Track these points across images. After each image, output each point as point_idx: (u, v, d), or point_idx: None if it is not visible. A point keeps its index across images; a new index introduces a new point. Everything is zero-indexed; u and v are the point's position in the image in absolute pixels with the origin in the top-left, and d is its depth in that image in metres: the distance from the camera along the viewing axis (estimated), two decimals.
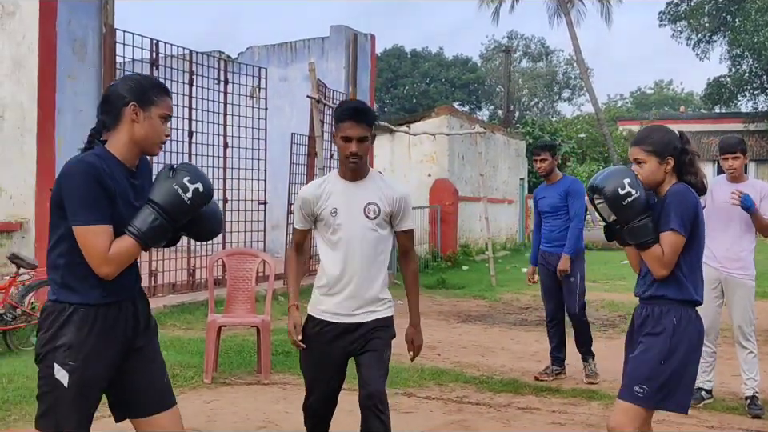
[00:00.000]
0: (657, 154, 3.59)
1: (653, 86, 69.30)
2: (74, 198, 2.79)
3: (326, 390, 4.05)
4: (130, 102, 2.92)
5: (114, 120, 2.94)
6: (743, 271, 5.92)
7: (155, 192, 2.89)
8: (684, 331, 3.53)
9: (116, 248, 2.82)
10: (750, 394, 5.94)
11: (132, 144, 2.96)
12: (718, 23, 39.52)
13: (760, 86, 40.51)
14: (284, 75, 15.10)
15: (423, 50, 58.42)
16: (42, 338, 2.90)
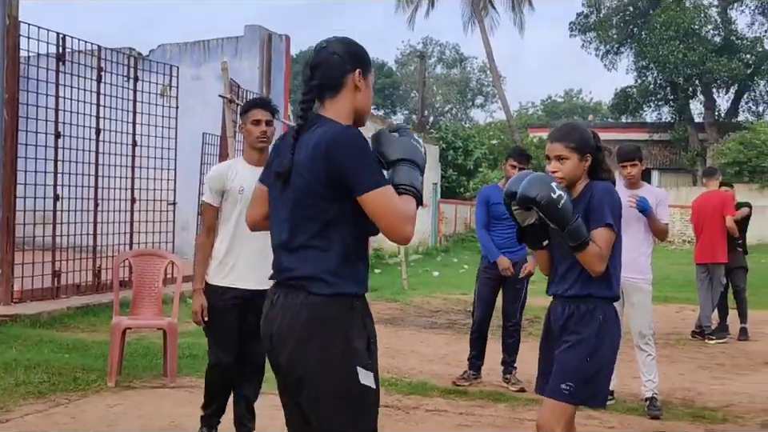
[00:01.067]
0: (578, 151, 3.61)
1: (563, 94, 70.93)
2: (362, 165, 2.48)
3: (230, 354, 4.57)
4: (356, 68, 2.68)
5: (334, 88, 2.66)
6: (641, 275, 6.08)
7: (399, 151, 2.62)
8: (608, 329, 3.60)
9: (408, 205, 2.53)
10: (650, 396, 6.12)
11: (353, 115, 2.69)
12: (626, 35, 40.79)
13: (664, 97, 41.99)
14: (197, 74, 14.86)
15: None
16: (327, 339, 2.51)
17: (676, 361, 8.23)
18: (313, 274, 2.54)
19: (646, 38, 38.46)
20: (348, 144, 2.50)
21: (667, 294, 13.78)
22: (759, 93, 41.22)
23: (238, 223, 4.37)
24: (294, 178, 2.59)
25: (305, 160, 2.55)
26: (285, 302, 2.60)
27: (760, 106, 41.45)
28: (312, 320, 2.53)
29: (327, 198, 2.53)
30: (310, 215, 2.56)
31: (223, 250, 4.49)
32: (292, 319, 2.56)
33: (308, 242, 2.56)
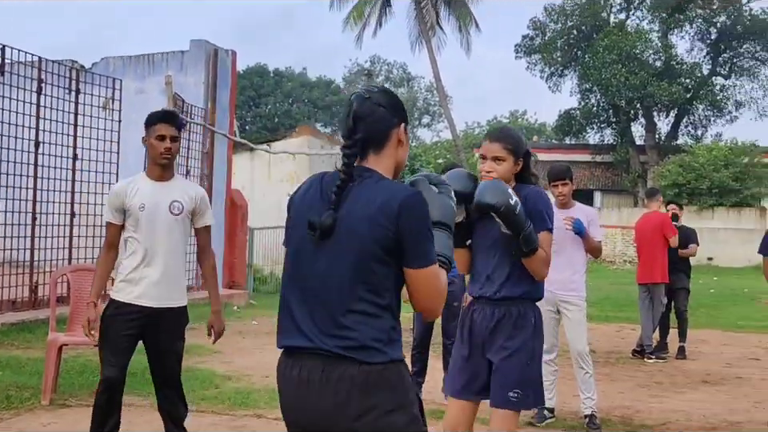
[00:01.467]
0: (514, 154, 3.65)
1: (508, 115, 71.79)
2: (427, 237, 2.36)
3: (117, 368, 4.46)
4: (401, 122, 2.53)
5: (379, 143, 2.49)
6: (576, 293, 6.21)
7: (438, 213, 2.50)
8: (540, 329, 3.70)
9: (444, 279, 2.43)
10: (589, 413, 6.19)
11: (393, 170, 2.53)
12: (570, 58, 41.48)
13: (606, 119, 42.75)
14: (141, 88, 14.66)
15: (286, 70, 58.36)
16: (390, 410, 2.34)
17: (616, 379, 8.32)
18: (366, 342, 2.33)
19: (589, 61, 39.16)
20: (422, 210, 2.37)
21: (608, 313, 13.97)
22: (698, 117, 42.22)
23: (142, 241, 4.36)
24: (343, 234, 2.35)
25: (362, 216, 2.35)
26: (327, 376, 2.34)
27: (699, 129, 42.45)
28: (369, 392, 2.31)
29: (379, 260, 2.34)
30: (360, 277, 2.34)
31: (129, 268, 4.43)
32: (344, 394, 2.31)
33: (359, 306, 2.34)
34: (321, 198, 2.45)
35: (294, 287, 2.47)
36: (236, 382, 7.27)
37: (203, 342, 9.34)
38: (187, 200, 4.47)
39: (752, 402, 7.42)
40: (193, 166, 13.32)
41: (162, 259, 4.36)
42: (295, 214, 2.53)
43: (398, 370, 2.38)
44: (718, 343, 10.95)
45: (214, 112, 14.06)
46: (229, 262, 14.44)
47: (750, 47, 40.89)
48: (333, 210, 2.37)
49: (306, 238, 2.43)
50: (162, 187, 4.44)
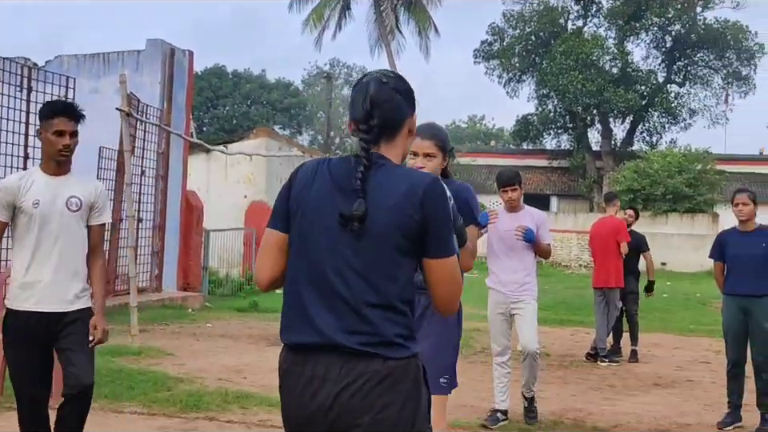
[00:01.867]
0: (443, 150, 3.73)
1: (467, 120, 72.20)
2: (448, 225, 2.34)
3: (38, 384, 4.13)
4: (413, 112, 2.47)
5: (393, 131, 2.43)
6: (528, 293, 6.36)
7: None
8: (461, 319, 3.87)
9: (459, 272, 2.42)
10: (530, 395, 6.45)
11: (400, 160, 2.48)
12: (527, 64, 41.84)
13: (563, 125, 43.20)
14: (95, 87, 14.45)
15: (245, 71, 58.01)
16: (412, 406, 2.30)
17: (569, 382, 8.39)
18: (391, 338, 2.27)
19: (546, 67, 39.53)
20: (445, 198, 2.32)
21: (563, 317, 14.08)
22: (653, 123, 42.81)
23: (37, 240, 4.03)
24: (367, 224, 2.26)
25: (385, 204, 2.27)
26: (346, 373, 2.25)
27: (654, 136, 43.03)
28: (394, 387, 2.26)
29: (402, 251, 2.28)
30: (384, 269, 2.27)
31: (22, 270, 4.06)
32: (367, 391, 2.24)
33: (383, 300, 2.27)
34: (335, 185, 2.34)
35: (305, 281, 2.33)
36: (188, 385, 7.19)
37: (157, 343, 9.27)
38: (86, 195, 4.15)
39: (702, 404, 7.52)
40: (148, 166, 13.17)
41: (57, 259, 4.03)
42: (302, 203, 2.37)
43: (417, 364, 2.33)
44: (670, 347, 11.09)
45: (170, 112, 13.91)
46: (183, 264, 14.29)
47: (703, 56, 41.60)
48: (362, 198, 2.27)
49: (322, 228, 2.32)
50: (58, 182, 4.12)
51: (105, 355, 8.14)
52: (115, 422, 5.91)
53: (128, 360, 8.09)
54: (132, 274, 9.42)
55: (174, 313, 12.24)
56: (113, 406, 6.32)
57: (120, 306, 11.32)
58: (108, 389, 6.74)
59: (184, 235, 14.35)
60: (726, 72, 41.45)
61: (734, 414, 6.63)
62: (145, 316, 10.99)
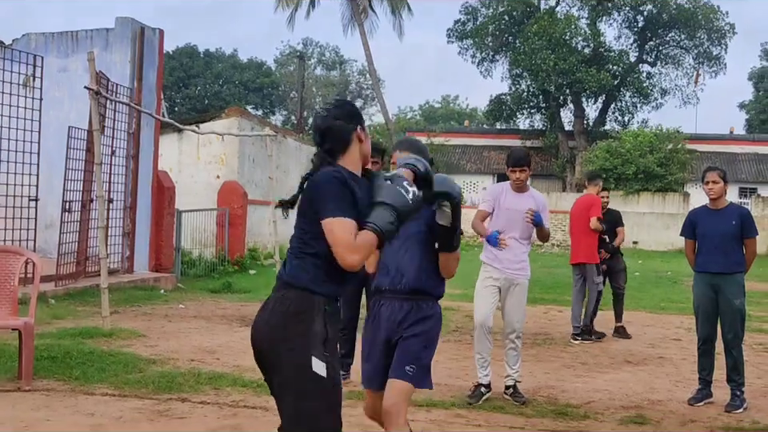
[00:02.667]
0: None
1: (440, 99, 72.14)
2: (325, 197, 2.98)
3: None
4: (357, 126, 3.22)
5: (344, 147, 3.18)
6: (523, 272, 6.47)
7: (385, 195, 3.03)
8: (440, 324, 4.02)
9: (360, 238, 2.93)
10: (512, 383, 6.45)
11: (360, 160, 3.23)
12: (501, 43, 41.84)
13: (536, 105, 43.30)
14: (64, 66, 14.24)
15: (217, 51, 57.49)
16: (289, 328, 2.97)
17: (542, 360, 8.43)
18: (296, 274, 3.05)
19: (520, 46, 39.57)
20: (321, 180, 3.04)
21: (536, 295, 14.14)
22: (625, 103, 43.07)
23: None
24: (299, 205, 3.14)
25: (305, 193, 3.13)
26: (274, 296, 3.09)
27: (626, 116, 43.30)
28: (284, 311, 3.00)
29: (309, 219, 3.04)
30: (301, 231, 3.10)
31: None
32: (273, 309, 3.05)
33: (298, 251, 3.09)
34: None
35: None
36: (161, 366, 7.13)
37: (128, 325, 9.19)
38: None
39: (673, 381, 7.59)
40: (118, 146, 13.01)
41: None
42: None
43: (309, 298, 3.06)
44: (642, 324, 11.18)
45: (140, 91, 13.74)
46: (155, 245, 14.17)
47: (675, 36, 41.83)
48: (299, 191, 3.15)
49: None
50: None
51: (76, 337, 8.08)
52: (86, 403, 5.85)
53: (99, 342, 8.01)
54: (102, 255, 9.32)
55: (146, 294, 12.14)
56: (84, 388, 6.26)
57: (91, 288, 11.22)
58: (79, 371, 6.67)
59: (155, 216, 14.22)
60: (697, 52, 41.74)
61: (705, 390, 6.70)
62: (116, 297, 10.89)
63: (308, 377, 2.91)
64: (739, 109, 56.34)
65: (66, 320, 9.36)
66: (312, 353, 2.92)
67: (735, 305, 6.53)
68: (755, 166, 39.87)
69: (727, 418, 6.22)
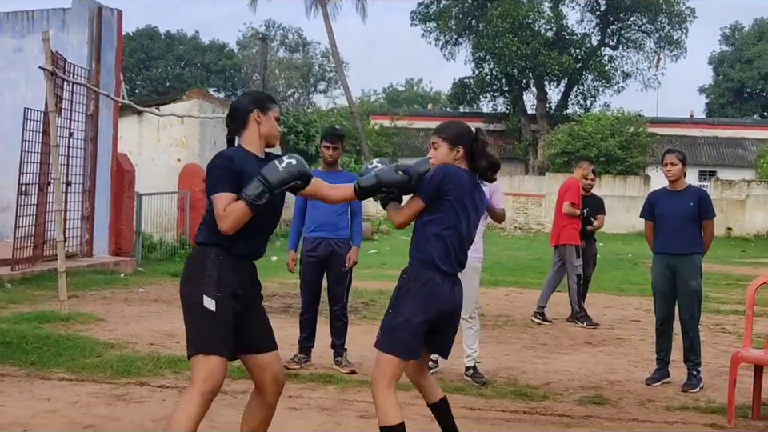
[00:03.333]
0: (447, 141, 4.12)
1: (404, 83, 72.03)
2: (210, 177, 3.72)
3: None
4: (254, 109, 3.84)
5: (240, 127, 3.86)
6: (475, 254, 6.41)
7: (264, 169, 3.67)
8: (412, 286, 3.96)
9: (231, 208, 3.62)
10: (472, 364, 6.49)
11: (261, 140, 3.88)
12: (464, 26, 41.79)
13: (500, 88, 43.37)
14: (19, 46, 13.96)
15: (178, 33, 56.82)
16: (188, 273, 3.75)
17: (503, 341, 8.48)
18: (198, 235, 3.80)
19: (483, 30, 39.55)
20: (211, 161, 3.78)
21: (498, 277, 14.25)
22: (587, 87, 43.29)
23: None
24: None
25: None
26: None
27: (587, 99, 43.52)
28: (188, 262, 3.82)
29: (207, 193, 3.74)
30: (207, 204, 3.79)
31: None
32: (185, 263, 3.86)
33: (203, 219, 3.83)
34: None
35: None
36: (119, 350, 7.06)
37: (87, 309, 9.08)
38: None
39: (632, 361, 7.68)
40: (76, 128, 12.80)
41: None
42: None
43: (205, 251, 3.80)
44: (602, 306, 11.30)
45: (98, 73, 13.53)
46: (115, 228, 14.00)
47: (636, 20, 42.10)
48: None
49: None
50: None
51: (32, 321, 7.97)
52: (42, 388, 5.77)
53: (56, 326, 7.90)
54: (60, 239, 9.18)
55: (106, 278, 12.00)
56: (40, 373, 6.17)
57: (49, 272, 11.05)
58: (35, 355, 6.58)
59: (115, 199, 14.04)
60: (658, 36, 42.06)
61: (662, 370, 6.78)
62: (75, 282, 10.76)
63: (199, 310, 3.61)
64: (699, 93, 57.03)
65: (23, 304, 9.22)
66: (203, 291, 3.61)
67: (692, 286, 6.60)
68: (714, 150, 40.40)
69: (684, 398, 6.30)
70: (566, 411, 5.78)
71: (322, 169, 6.97)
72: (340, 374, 6.58)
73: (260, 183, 3.63)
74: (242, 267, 3.76)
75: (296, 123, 31.36)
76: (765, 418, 5.73)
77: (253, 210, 3.61)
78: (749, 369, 6.08)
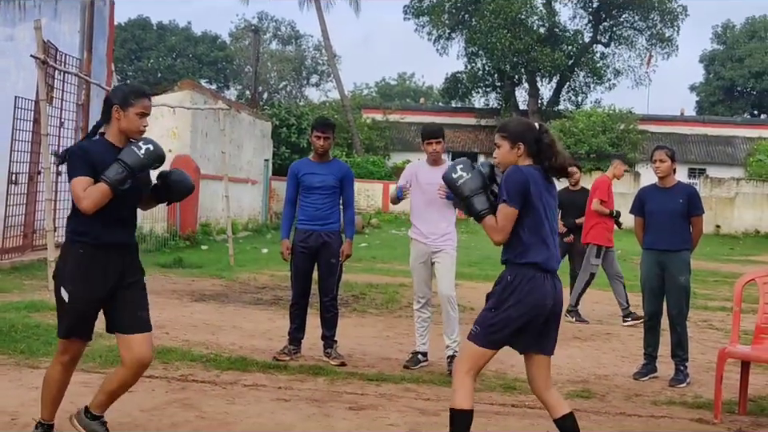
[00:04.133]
0: (508, 140, 4.08)
1: (396, 77, 71.96)
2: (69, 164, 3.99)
3: None
4: (113, 105, 4.07)
5: (106, 119, 4.10)
6: (448, 243, 6.63)
7: (122, 153, 3.97)
8: (515, 287, 3.98)
9: (90, 190, 3.90)
10: (451, 354, 6.52)
11: (121, 133, 4.11)
12: (457, 21, 41.80)
13: (492, 83, 43.42)
14: (11, 35, 13.89)
15: (170, 23, 56.61)
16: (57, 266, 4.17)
17: None
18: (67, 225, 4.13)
19: (476, 25, 39.58)
20: (67, 151, 4.10)
21: (488, 272, 14.27)
22: (578, 83, 43.39)
23: None
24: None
25: None
26: None
27: (579, 95, 43.65)
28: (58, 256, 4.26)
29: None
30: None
31: None
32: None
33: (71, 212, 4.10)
34: None
35: None
36: (108, 340, 7.00)
37: None
38: None
39: (619, 356, 7.72)
40: (67, 117, 12.77)
41: None
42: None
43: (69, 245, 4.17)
44: (591, 301, 11.31)
45: (90, 62, 13.50)
46: None
47: (628, 17, 42.21)
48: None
49: None
50: None
51: (21, 310, 7.95)
52: (31, 377, 5.77)
53: (45, 315, 7.88)
54: (49, 228, 9.15)
55: None
56: (29, 362, 6.17)
57: (38, 261, 11.03)
58: (24, 344, 6.58)
59: None
60: (649, 33, 42.20)
61: (650, 365, 6.82)
62: None
63: (58, 298, 4.10)
64: (690, 91, 57.19)
65: (12, 293, 9.20)
66: (61, 284, 4.05)
67: (680, 281, 6.64)
68: (704, 148, 40.56)
69: (671, 393, 6.34)
70: None
71: (313, 159, 6.97)
72: (330, 365, 6.59)
73: (122, 167, 3.93)
74: (109, 257, 4.08)
75: (288, 116, 31.36)
76: (751, 413, 5.77)
77: (114, 191, 3.92)
78: (735, 365, 6.12)
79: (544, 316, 4.06)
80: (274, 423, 5.01)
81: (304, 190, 6.82)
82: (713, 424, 5.51)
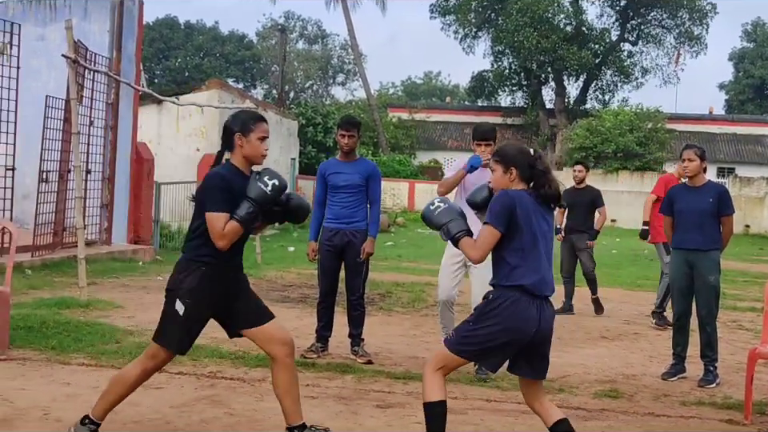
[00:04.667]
0: (503, 164, 4.12)
1: (422, 76, 71.90)
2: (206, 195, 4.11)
3: None
4: (236, 133, 4.19)
5: (230, 147, 4.23)
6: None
7: (248, 190, 4.09)
8: (494, 306, 4.01)
9: (228, 228, 4.06)
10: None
11: (246, 160, 4.24)
12: (483, 20, 41.70)
13: (518, 82, 43.27)
14: (42, 34, 14.05)
15: (198, 23, 56.94)
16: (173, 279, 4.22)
17: None
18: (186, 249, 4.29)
19: (502, 23, 39.46)
20: (206, 179, 4.18)
21: None
22: (606, 82, 43.12)
23: None
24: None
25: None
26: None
27: (606, 94, 43.38)
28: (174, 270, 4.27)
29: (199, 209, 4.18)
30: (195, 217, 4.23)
31: None
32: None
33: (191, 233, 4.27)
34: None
35: None
36: (138, 337, 7.12)
37: (106, 296, 9.16)
38: None
39: (647, 356, 7.68)
40: (97, 116, 12.89)
41: None
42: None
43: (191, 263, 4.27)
44: (618, 301, 11.29)
45: (119, 61, 13.60)
46: (134, 217, 14.10)
47: (656, 15, 41.88)
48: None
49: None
50: None
51: (52, 307, 8.04)
52: (62, 373, 5.84)
53: (76, 312, 7.98)
54: (79, 226, 9.25)
55: (124, 266, 12.10)
56: (60, 358, 6.24)
57: (68, 259, 11.15)
58: (55, 340, 6.65)
59: (134, 188, 14.14)
60: (678, 31, 41.84)
61: (679, 365, 6.78)
62: (94, 269, 10.84)
63: (169, 311, 4.17)
64: (719, 89, 56.60)
65: (43, 290, 9.31)
66: (177, 297, 4.13)
67: (710, 281, 6.59)
68: (734, 146, 40.16)
69: (700, 393, 6.30)
70: (582, 404, 5.79)
71: (339, 158, 7.00)
72: (357, 363, 6.61)
73: (251, 205, 4.07)
74: (228, 276, 4.24)
75: (314, 115, 31.45)
76: None
77: (244, 228, 4.09)
78: (766, 366, 6.07)
79: (525, 342, 4.02)
80: None
81: (331, 189, 6.86)
82: (743, 425, 5.47)
